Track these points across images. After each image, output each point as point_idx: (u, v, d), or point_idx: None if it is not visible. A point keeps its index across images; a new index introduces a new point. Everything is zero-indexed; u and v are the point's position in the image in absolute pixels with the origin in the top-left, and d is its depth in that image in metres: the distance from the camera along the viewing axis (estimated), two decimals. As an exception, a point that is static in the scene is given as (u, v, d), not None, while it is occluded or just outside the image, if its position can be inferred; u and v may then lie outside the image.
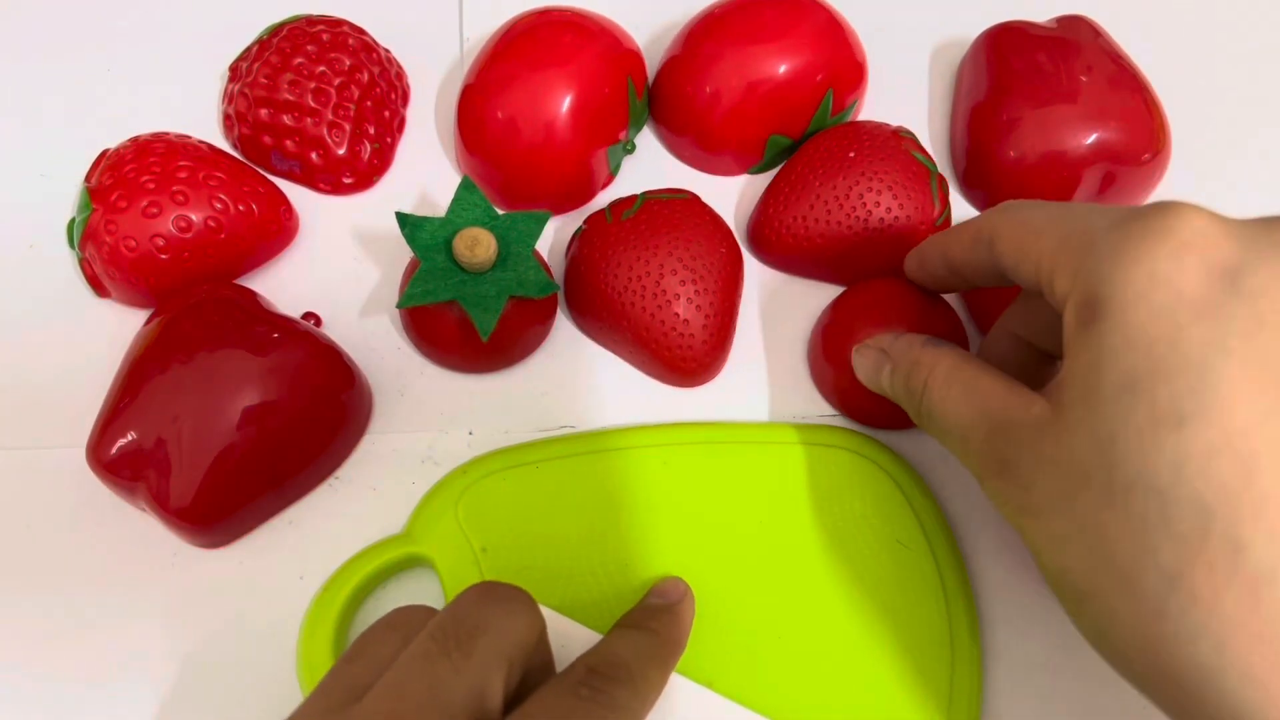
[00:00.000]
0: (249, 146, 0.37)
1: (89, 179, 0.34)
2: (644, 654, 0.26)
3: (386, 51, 0.39)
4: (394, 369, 0.35)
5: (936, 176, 0.35)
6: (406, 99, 0.40)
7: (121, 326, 0.34)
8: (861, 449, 0.33)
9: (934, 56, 0.42)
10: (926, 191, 0.35)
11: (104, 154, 0.35)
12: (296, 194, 0.37)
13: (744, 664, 0.30)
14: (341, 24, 0.38)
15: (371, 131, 0.37)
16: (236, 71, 0.38)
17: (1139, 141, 0.36)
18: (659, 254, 0.33)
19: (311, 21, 0.37)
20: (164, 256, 0.33)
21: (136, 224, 0.32)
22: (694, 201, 0.35)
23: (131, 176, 0.33)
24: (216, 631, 0.31)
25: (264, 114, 0.36)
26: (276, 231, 0.35)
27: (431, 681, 0.22)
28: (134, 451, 0.29)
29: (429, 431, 0.34)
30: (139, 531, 0.32)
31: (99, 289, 0.35)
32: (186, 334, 0.31)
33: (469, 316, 0.31)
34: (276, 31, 0.37)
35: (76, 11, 0.41)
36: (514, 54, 0.35)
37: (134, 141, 0.34)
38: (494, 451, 0.33)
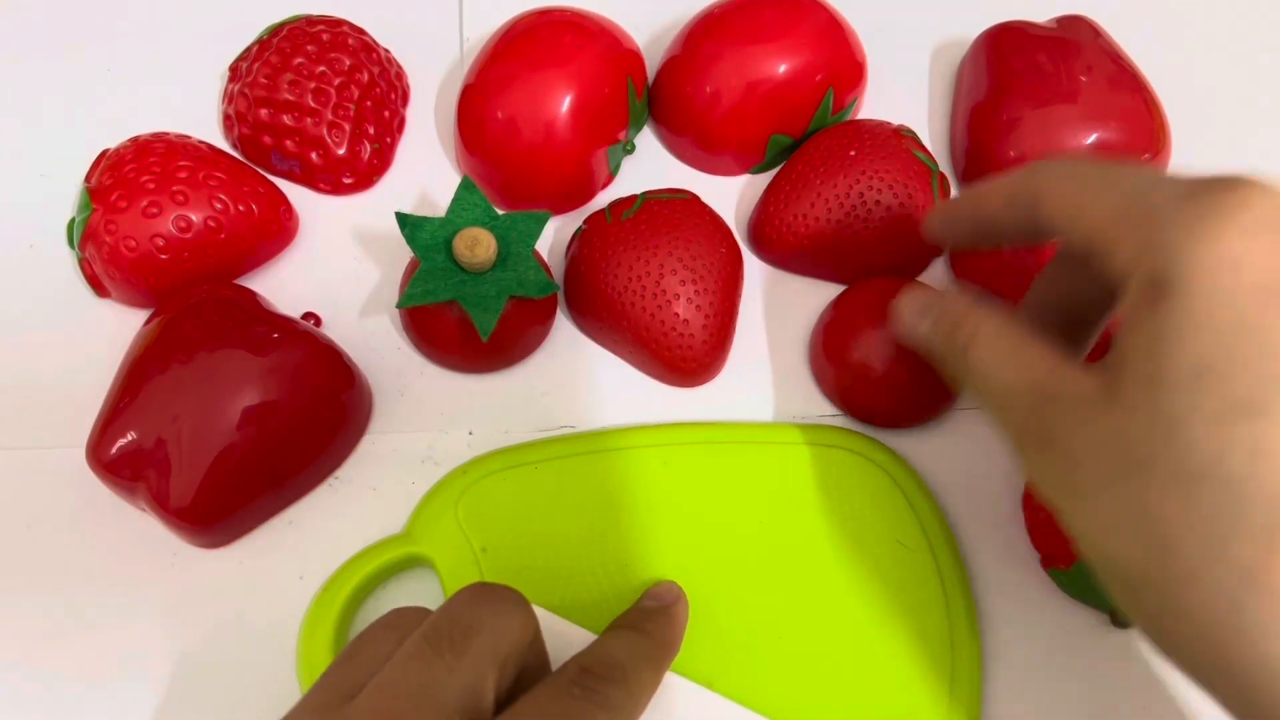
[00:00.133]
0: (249, 146, 0.37)
1: (89, 179, 0.34)
2: (638, 654, 0.26)
3: (386, 51, 0.39)
4: (394, 369, 0.35)
5: (938, 175, 0.35)
6: (406, 99, 0.40)
7: (121, 326, 0.34)
8: (861, 449, 0.33)
9: (934, 56, 0.42)
10: (928, 190, 0.34)
11: (104, 154, 0.35)
12: (296, 194, 0.37)
13: (744, 664, 0.30)
14: (341, 24, 0.38)
15: (371, 131, 0.37)
16: (236, 71, 0.38)
17: (1139, 141, 0.36)
18: (659, 254, 0.33)
19: (311, 21, 0.37)
20: (164, 256, 0.33)
21: (136, 224, 0.32)
22: (694, 201, 0.35)
23: (131, 176, 0.33)
24: (216, 631, 0.31)
25: (264, 114, 0.36)
26: (276, 231, 0.35)
27: (424, 681, 0.22)
28: (134, 451, 0.29)
29: (429, 431, 0.34)
30: (139, 531, 0.32)
31: (99, 289, 0.35)
32: (186, 334, 0.31)
33: (469, 316, 0.31)
34: (276, 31, 0.37)
35: (76, 11, 0.41)
36: (514, 54, 0.35)
37: (134, 141, 0.34)
38: (494, 451, 0.33)
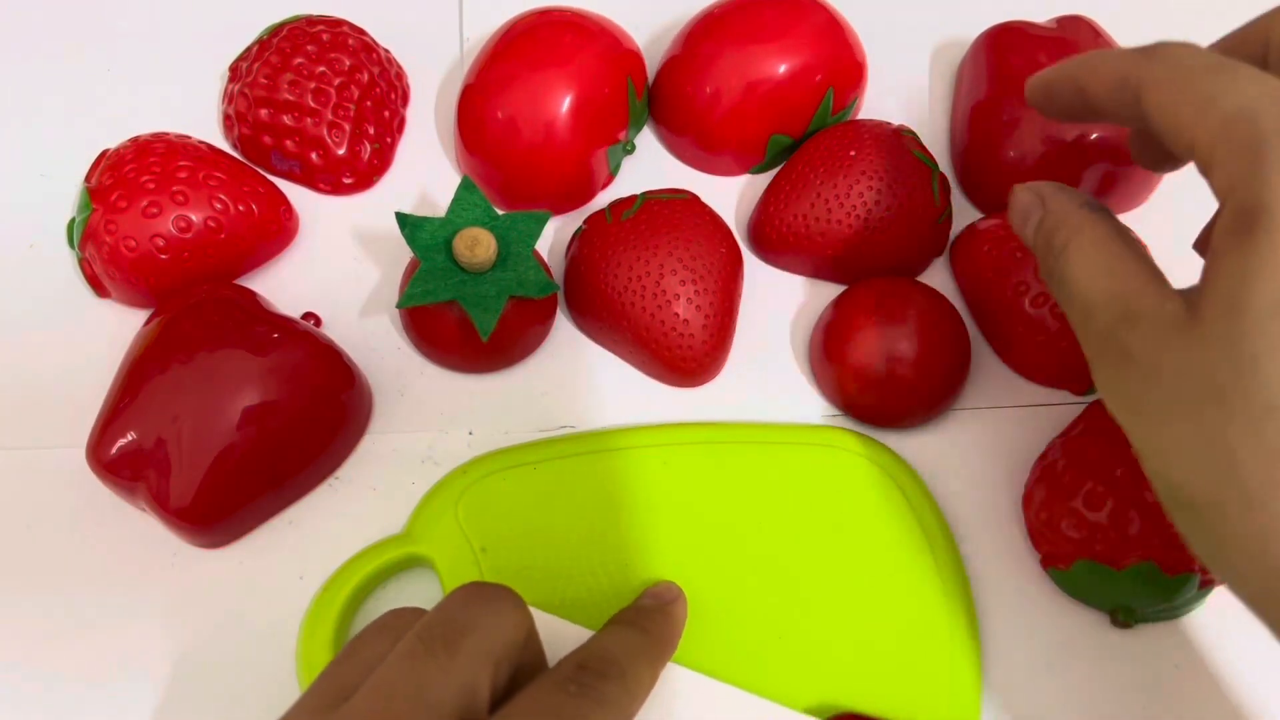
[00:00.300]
0: (249, 146, 0.37)
1: (89, 179, 0.34)
2: (635, 651, 0.26)
3: (386, 51, 0.39)
4: (394, 369, 0.35)
5: (938, 175, 0.35)
6: (406, 99, 0.40)
7: (121, 326, 0.34)
8: (861, 449, 0.33)
9: (934, 56, 0.42)
10: (928, 190, 0.34)
11: (104, 154, 0.35)
12: (296, 194, 0.37)
13: (743, 665, 0.30)
14: (341, 24, 0.38)
15: (371, 131, 0.37)
16: (236, 71, 0.38)
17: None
18: (659, 254, 0.33)
19: (311, 21, 0.37)
20: (164, 256, 0.33)
21: (136, 224, 0.32)
22: (694, 201, 0.35)
23: (131, 176, 0.33)
24: (216, 631, 0.31)
25: (264, 114, 0.36)
26: (276, 231, 0.35)
27: (417, 681, 0.22)
28: (134, 451, 0.29)
29: (429, 431, 0.34)
30: (139, 531, 0.32)
31: (99, 289, 0.35)
32: (186, 334, 0.31)
33: (469, 316, 0.31)
34: (276, 32, 0.37)
35: (76, 11, 0.41)
36: (514, 54, 0.35)
37: (134, 141, 0.34)
38: (494, 451, 0.33)
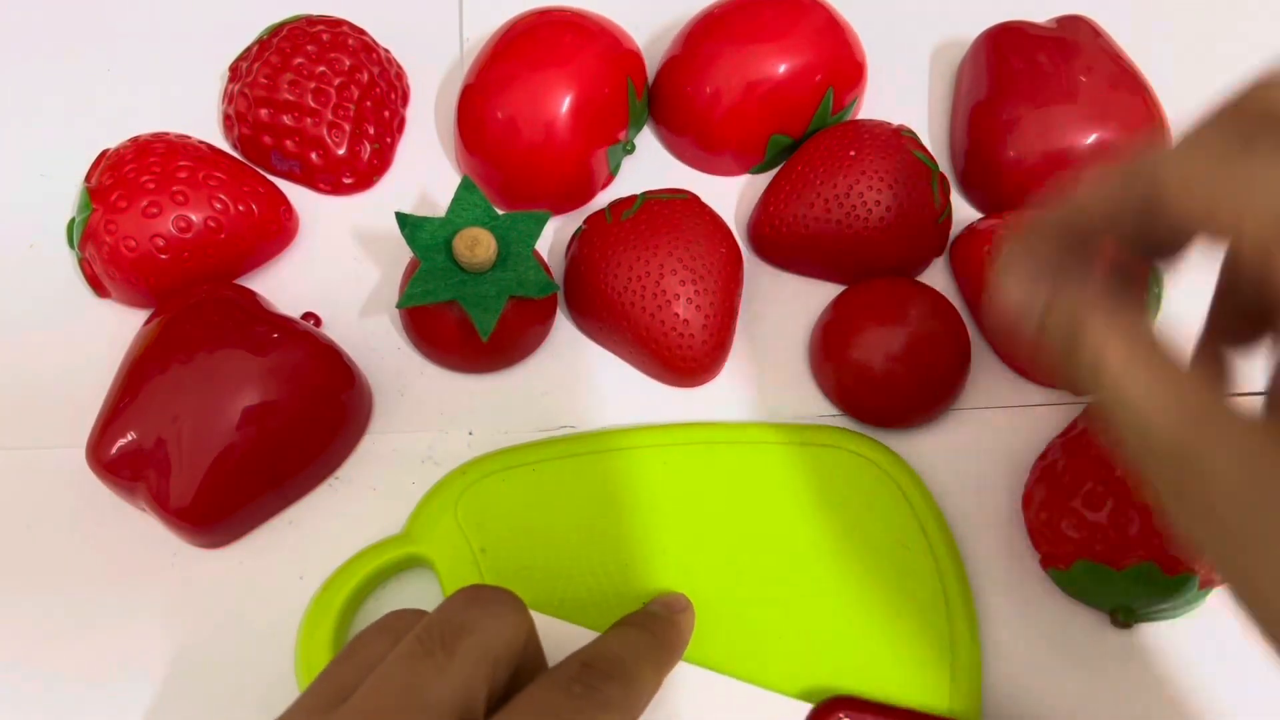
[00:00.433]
0: (249, 146, 0.37)
1: (89, 179, 0.34)
2: (640, 653, 0.26)
3: (386, 51, 0.39)
4: (394, 369, 0.35)
5: (938, 175, 0.35)
6: (406, 99, 0.40)
7: (121, 326, 0.34)
8: (861, 449, 0.33)
9: (934, 56, 0.42)
10: (928, 190, 0.34)
11: (104, 154, 0.35)
12: (296, 194, 0.37)
13: (746, 665, 0.30)
14: (341, 24, 0.38)
15: (371, 131, 0.37)
16: (236, 71, 0.38)
17: (1139, 141, 0.36)
18: (659, 254, 0.33)
19: (311, 21, 0.37)
20: (164, 256, 0.33)
21: (136, 224, 0.32)
22: (694, 201, 0.35)
23: (131, 176, 0.33)
24: (216, 631, 0.31)
25: (264, 114, 0.36)
26: (276, 231, 0.35)
27: (415, 681, 0.22)
28: (134, 451, 0.29)
29: (429, 431, 0.34)
30: (139, 531, 0.32)
31: (99, 289, 0.35)
32: (186, 334, 0.31)
33: (469, 316, 0.31)
34: (276, 31, 0.37)
35: (76, 11, 0.41)
36: (514, 54, 0.35)
37: (134, 141, 0.34)
38: (494, 452, 0.33)
